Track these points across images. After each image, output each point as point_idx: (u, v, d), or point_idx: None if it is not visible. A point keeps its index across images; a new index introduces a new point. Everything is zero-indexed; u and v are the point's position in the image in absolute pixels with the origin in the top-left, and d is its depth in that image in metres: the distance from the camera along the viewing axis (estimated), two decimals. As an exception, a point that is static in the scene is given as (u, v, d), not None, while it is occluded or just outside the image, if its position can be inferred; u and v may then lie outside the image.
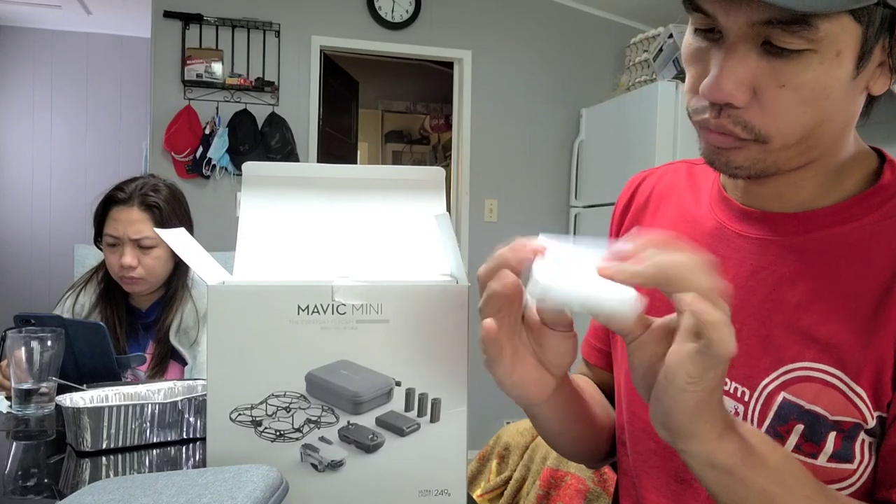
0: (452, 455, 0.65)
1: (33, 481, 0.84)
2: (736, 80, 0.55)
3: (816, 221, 0.62)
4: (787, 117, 0.56)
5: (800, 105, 0.55)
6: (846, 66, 0.54)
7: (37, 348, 1.07)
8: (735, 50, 0.55)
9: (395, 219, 0.71)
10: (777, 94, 0.55)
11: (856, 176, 0.63)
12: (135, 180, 1.59)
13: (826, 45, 0.52)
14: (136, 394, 0.99)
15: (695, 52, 0.59)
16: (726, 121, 0.57)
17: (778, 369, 0.61)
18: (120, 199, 1.54)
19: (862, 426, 0.58)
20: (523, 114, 3.82)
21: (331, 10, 3.55)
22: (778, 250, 0.64)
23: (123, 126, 4.81)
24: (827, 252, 0.61)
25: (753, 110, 0.56)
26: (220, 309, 0.62)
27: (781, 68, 0.54)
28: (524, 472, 1.84)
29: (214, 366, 0.62)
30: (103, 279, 1.62)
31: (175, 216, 1.58)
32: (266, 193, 0.70)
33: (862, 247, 0.60)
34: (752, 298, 0.64)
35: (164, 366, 1.53)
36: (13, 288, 4.65)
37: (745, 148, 0.58)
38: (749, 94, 0.56)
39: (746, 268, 0.65)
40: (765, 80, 0.55)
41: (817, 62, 0.53)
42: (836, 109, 0.57)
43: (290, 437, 0.63)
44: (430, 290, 0.64)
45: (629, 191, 0.84)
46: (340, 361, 0.63)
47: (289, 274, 0.65)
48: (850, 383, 0.58)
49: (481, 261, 0.59)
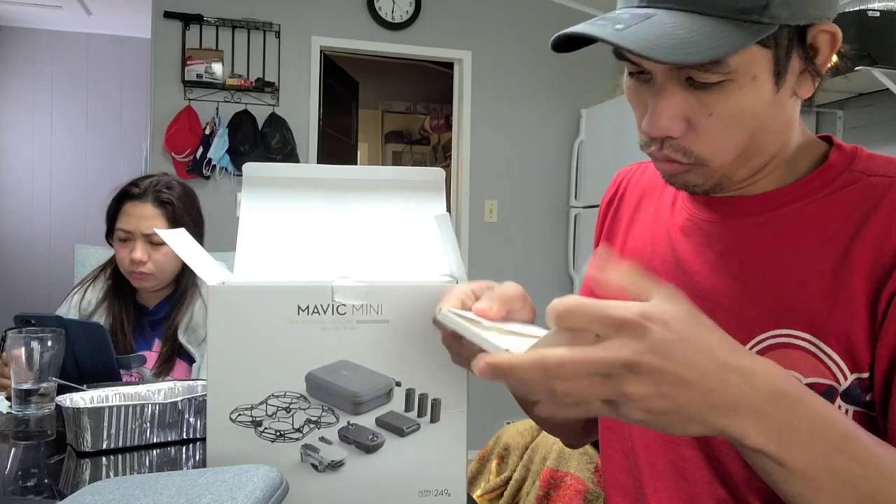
0: (452, 455, 0.65)
1: (33, 481, 0.84)
2: (669, 116, 0.62)
3: (775, 200, 0.68)
4: (720, 140, 0.63)
5: (728, 129, 0.62)
6: (765, 87, 0.61)
7: (37, 348, 1.07)
8: (664, 89, 0.62)
9: (395, 219, 0.71)
10: (707, 122, 0.62)
11: (807, 161, 0.69)
12: (150, 177, 1.61)
13: (741, 74, 0.59)
14: (137, 394, 0.99)
15: (633, 93, 0.67)
16: (668, 151, 0.64)
17: (751, 340, 0.64)
18: (134, 194, 1.56)
19: (836, 389, 0.60)
20: (523, 114, 3.82)
21: (331, 10, 3.55)
22: (743, 229, 0.68)
23: (123, 126, 4.81)
24: (787, 226, 0.66)
25: (689, 137, 0.63)
26: (220, 309, 0.62)
27: (706, 99, 0.61)
28: (524, 473, 1.84)
29: (215, 366, 0.62)
30: (111, 276, 1.63)
31: (187, 214, 1.59)
32: (266, 194, 0.70)
33: (818, 217, 0.65)
34: (724, 278, 0.68)
35: (170, 364, 1.53)
36: (13, 288, 4.65)
37: (692, 171, 0.65)
38: (684, 125, 0.63)
39: (716, 250, 0.69)
40: (694, 111, 0.62)
41: (737, 89, 0.60)
42: (764, 122, 0.63)
43: (290, 437, 0.63)
44: (430, 290, 0.64)
45: (613, 186, 0.89)
46: (340, 362, 0.63)
47: (289, 274, 0.65)
48: (820, 344, 0.61)
49: (481, 261, 0.59)
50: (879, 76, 2.25)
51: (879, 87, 2.41)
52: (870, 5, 2.18)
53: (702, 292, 0.68)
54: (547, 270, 3.84)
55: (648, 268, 0.75)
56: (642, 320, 0.45)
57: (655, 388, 0.45)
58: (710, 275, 0.69)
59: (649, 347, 0.44)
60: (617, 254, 0.82)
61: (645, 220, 0.81)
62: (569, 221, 3.83)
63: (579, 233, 3.75)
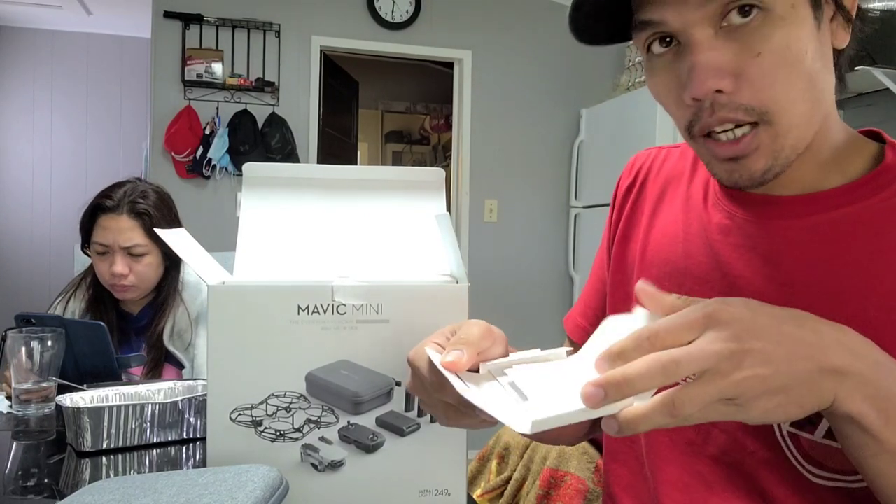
0: (452, 455, 0.65)
1: (33, 481, 0.84)
2: (715, 67, 0.55)
3: (825, 202, 0.61)
4: (778, 84, 0.55)
5: (783, 68, 0.55)
6: (807, 18, 0.55)
7: (37, 348, 1.07)
8: (699, 44, 0.55)
9: (395, 219, 0.71)
10: (758, 64, 0.55)
11: (857, 160, 0.63)
12: (121, 186, 1.55)
13: (779, 1, 0.54)
14: (137, 394, 0.99)
15: (661, 74, 0.60)
16: (723, 112, 0.56)
17: None
18: (108, 206, 1.50)
19: None
20: (523, 114, 3.82)
21: (331, 10, 3.55)
22: (789, 233, 0.62)
23: (124, 126, 4.81)
24: (842, 231, 0.60)
25: (744, 90, 0.56)
26: (220, 309, 0.62)
27: (749, 40, 0.54)
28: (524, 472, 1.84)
29: (214, 366, 0.62)
30: (91, 285, 1.59)
31: (165, 221, 1.55)
32: (266, 194, 0.70)
33: (877, 223, 0.59)
34: (770, 284, 0.62)
35: (158, 370, 1.52)
36: (13, 288, 4.65)
37: (759, 145, 0.57)
38: (732, 78, 0.55)
39: (760, 253, 0.64)
40: (740, 57, 0.55)
41: (779, 20, 0.54)
42: (819, 67, 0.57)
43: (291, 437, 0.63)
44: (430, 290, 0.64)
45: (631, 171, 0.82)
46: (340, 361, 0.63)
47: (289, 274, 0.65)
48: None
49: (481, 261, 0.59)
50: (879, 76, 2.24)
51: (879, 87, 2.41)
52: (870, 5, 2.18)
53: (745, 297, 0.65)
54: (547, 270, 3.84)
55: (680, 267, 0.70)
56: (721, 304, 0.45)
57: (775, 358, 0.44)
58: (755, 280, 0.63)
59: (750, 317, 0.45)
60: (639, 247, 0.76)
61: (672, 213, 0.74)
62: (569, 221, 3.83)
63: (579, 233, 3.75)
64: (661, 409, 0.43)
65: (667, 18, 0.56)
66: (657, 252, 0.73)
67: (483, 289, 3.68)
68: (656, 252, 0.73)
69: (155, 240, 1.50)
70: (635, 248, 0.77)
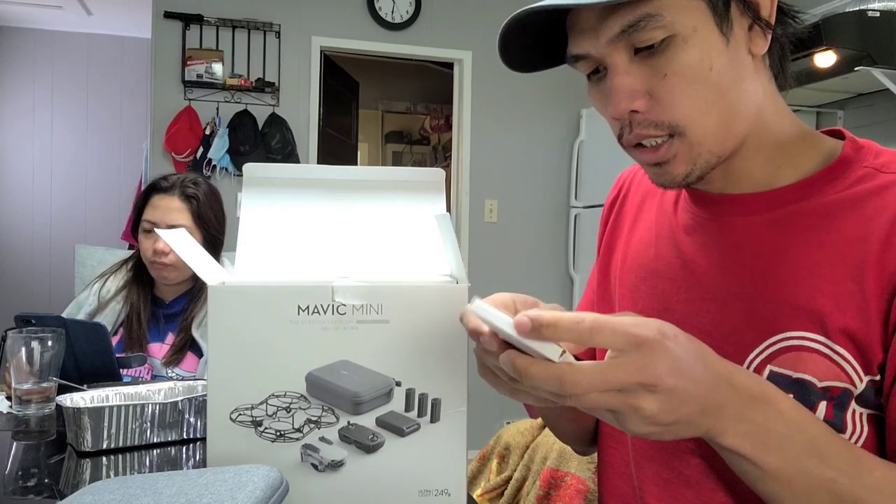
0: (452, 455, 0.65)
1: (34, 481, 0.84)
2: (627, 90, 0.61)
3: (783, 197, 0.65)
4: (685, 100, 0.60)
5: (689, 85, 0.59)
6: (711, 37, 0.59)
7: (37, 348, 1.08)
8: (614, 68, 0.61)
9: (394, 220, 0.71)
10: (666, 84, 0.60)
11: (811, 155, 0.66)
12: (178, 173, 1.69)
13: (680, 26, 0.58)
14: (137, 394, 0.99)
15: (597, 99, 0.66)
16: (638, 129, 0.62)
17: (763, 342, 0.63)
18: (162, 187, 1.63)
19: (851, 392, 0.59)
20: (523, 114, 3.83)
21: (331, 10, 3.56)
22: (751, 227, 0.66)
23: (124, 126, 4.82)
24: (798, 224, 0.64)
25: (655, 108, 0.61)
26: (220, 309, 0.62)
27: (656, 63, 0.60)
28: (524, 472, 1.84)
29: (215, 366, 0.62)
30: (133, 268, 1.70)
31: (211, 210, 1.66)
32: (267, 194, 0.70)
33: (831, 215, 0.62)
34: (733, 277, 0.66)
35: (181, 355, 1.58)
36: (13, 288, 4.65)
37: (676, 153, 0.62)
38: (644, 97, 0.61)
39: (723, 249, 0.68)
40: (650, 79, 0.60)
41: (682, 42, 0.58)
42: (727, 77, 0.60)
43: (291, 437, 0.63)
44: (430, 290, 0.64)
45: (616, 187, 0.87)
46: (340, 362, 0.63)
47: (289, 274, 0.65)
48: (834, 346, 0.59)
49: (481, 261, 0.59)
50: (879, 76, 2.24)
51: (879, 87, 2.41)
52: (870, 5, 2.18)
53: (709, 293, 0.67)
54: (547, 271, 3.84)
55: (652, 269, 0.74)
56: (662, 338, 0.48)
57: (667, 405, 0.48)
58: (718, 275, 0.67)
59: (669, 368, 0.48)
60: (620, 256, 0.81)
61: (647, 221, 0.79)
62: (569, 222, 3.83)
63: (579, 233, 3.75)
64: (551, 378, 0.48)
65: (588, 50, 0.62)
66: (635, 258, 0.78)
67: (483, 289, 3.67)
68: (634, 258, 0.78)
69: (200, 225, 1.63)
70: (618, 258, 0.81)
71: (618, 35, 0.59)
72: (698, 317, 0.68)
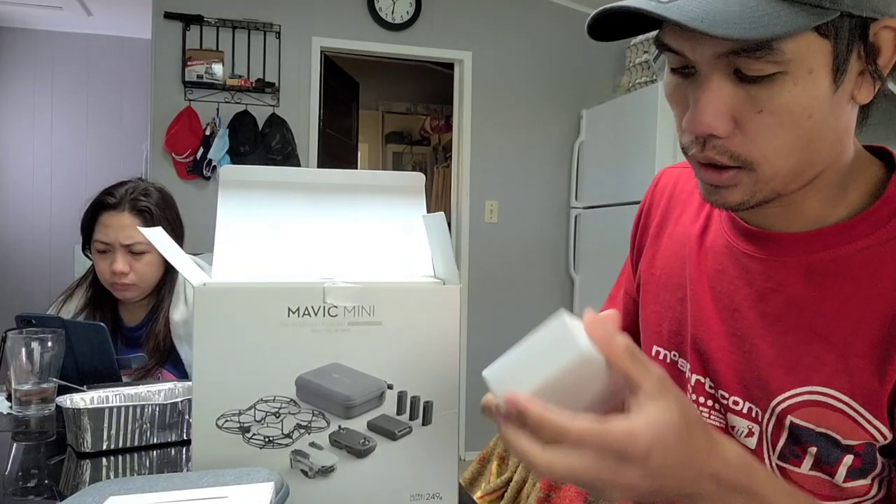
0: (444, 458, 0.65)
1: (34, 482, 0.85)
2: (714, 111, 0.55)
3: (822, 241, 0.61)
4: (771, 141, 0.56)
5: (781, 128, 0.55)
6: (822, 83, 0.54)
7: (37, 349, 1.08)
8: (708, 82, 0.56)
9: (374, 223, 0.70)
10: (757, 120, 0.55)
11: (860, 187, 0.62)
12: (124, 184, 1.54)
13: (795, 65, 0.53)
14: (137, 395, 1.00)
15: (674, 90, 0.60)
16: (711, 152, 0.57)
17: (788, 391, 0.61)
18: (110, 204, 1.50)
19: (874, 445, 0.58)
20: (524, 115, 3.82)
21: (331, 10, 3.56)
22: (786, 271, 0.63)
23: (124, 127, 4.82)
24: (834, 274, 0.60)
25: (737, 139, 0.56)
26: (206, 311, 0.60)
27: (756, 94, 0.54)
28: (524, 474, 1.84)
29: (200, 370, 0.60)
30: (91, 286, 1.59)
31: (166, 220, 1.55)
32: (243, 197, 0.69)
33: (868, 268, 0.59)
34: (763, 320, 0.64)
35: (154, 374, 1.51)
36: (13, 289, 4.65)
37: (739, 183, 0.58)
38: (730, 124, 0.56)
39: (755, 289, 0.65)
40: (742, 108, 0.55)
41: (791, 83, 0.53)
42: (822, 127, 0.56)
43: (280, 443, 0.62)
44: (423, 291, 0.64)
45: (650, 191, 0.84)
46: (331, 365, 0.62)
47: (279, 275, 0.64)
48: (861, 410, 0.57)
49: (481, 261, 0.59)
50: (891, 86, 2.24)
51: (877, 89, 2.41)
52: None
53: (739, 330, 0.65)
54: (547, 271, 3.84)
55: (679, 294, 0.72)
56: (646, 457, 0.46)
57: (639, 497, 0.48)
58: (749, 313, 0.64)
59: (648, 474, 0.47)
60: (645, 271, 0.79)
61: (674, 236, 0.76)
62: (569, 222, 3.83)
63: (580, 233, 3.75)
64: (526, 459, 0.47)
65: (685, 50, 0.56)
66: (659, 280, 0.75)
67: (483, 290, 3.68)
68: (659, 280, 0.76)
69: None
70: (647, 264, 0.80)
71: (727, 53, 0.53)
72: (727, 351, 0.66)
